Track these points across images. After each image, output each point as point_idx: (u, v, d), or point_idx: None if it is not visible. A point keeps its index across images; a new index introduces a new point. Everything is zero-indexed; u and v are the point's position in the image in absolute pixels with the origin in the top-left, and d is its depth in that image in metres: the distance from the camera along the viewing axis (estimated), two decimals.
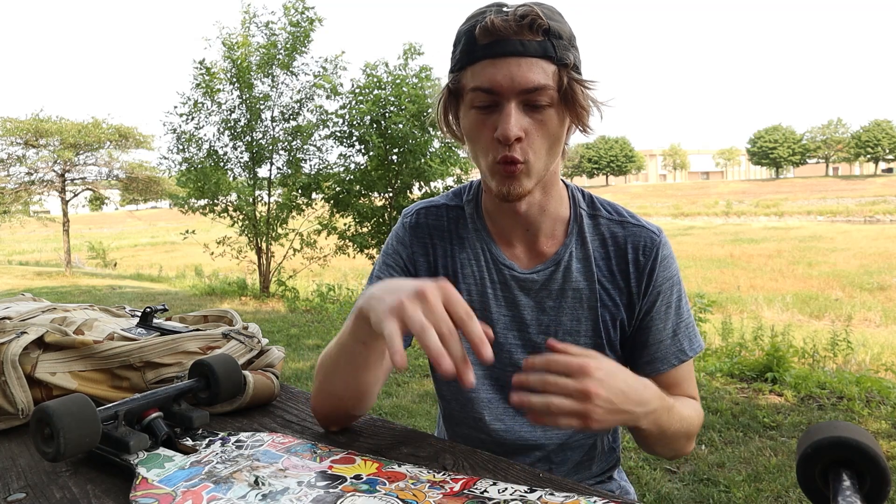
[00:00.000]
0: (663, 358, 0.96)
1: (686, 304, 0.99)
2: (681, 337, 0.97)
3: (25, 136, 14.19)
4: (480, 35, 0.81)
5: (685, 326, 0.98)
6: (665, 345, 0.96)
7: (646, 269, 0.95)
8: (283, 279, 9.82)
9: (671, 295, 0.97)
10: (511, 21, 0.79)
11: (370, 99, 8.62)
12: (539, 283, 0.96)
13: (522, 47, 0.80)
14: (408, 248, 1.01)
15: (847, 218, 37.21)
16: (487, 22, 0.80)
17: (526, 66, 0.80)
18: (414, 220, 1.03)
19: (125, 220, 63.87)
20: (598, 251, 0.97)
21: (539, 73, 0.80)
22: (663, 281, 0.96)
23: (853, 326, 7.25)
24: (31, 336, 0.92)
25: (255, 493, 0.66)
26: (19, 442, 0.86)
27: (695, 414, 0.94)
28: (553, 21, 0.81)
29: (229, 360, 0.89)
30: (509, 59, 0.80)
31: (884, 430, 3.34)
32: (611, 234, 0.97)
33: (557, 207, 0.96)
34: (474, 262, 0.99)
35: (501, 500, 0.65)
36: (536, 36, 0.80)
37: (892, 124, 66.42)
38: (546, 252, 0.96)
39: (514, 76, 0.80)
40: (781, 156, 71.40)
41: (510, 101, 0.81)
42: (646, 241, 0.96)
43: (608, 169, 77.35)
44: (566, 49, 0.82)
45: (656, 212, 46.72)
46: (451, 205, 1.03)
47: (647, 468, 2.86)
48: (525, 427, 1.00)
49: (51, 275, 15.16)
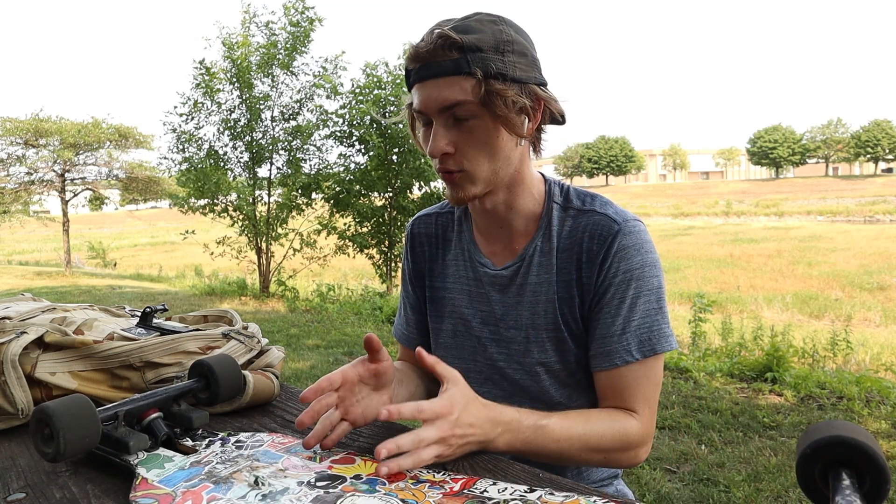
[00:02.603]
0: (607, 354, 0.92)
1: (651, 303, 0.92)
2: (629, 336, 0.91)
3: (25, 135, 14.18)
4: (408, 62, 0.89)
5: (641, 326, 0.91)
6: (611, 340, 0.92)
7: (598, 257, 0.92)
8: (283, 279, 9.83)
9: (626, 289, 0.91)
10: (428, 44, 0.84)
11: (370, 99, 8.62)
12: (507, 279, 0.99)
13: (438, 68, 0.85)
14: (409, 261, 1.13)
15: (847, 218, 37.22)
16: (412, 49, 0.86)
17: (443, 84, 0.85)
18: (409, 231, 1.14)
19: (125, 220, 63.87)
20: (563, 243, 0.96)
21: (455, 90, 0.85)
22: (616, 273, 0.91)
23: (853, 326, 7.25)
24: (31, 336, 0.92)
25: (254, 493, 0.66)
26: (19, 442, 0.86)
27: (606, 430, 0.88)
28: (472, 34, 0.84)
29: (229, 360, 0.89)
30: (429, 81, 0.86)
31: (884, 429, 3.34)
32: (575, 225, 0.96)
33: (526, 204, 0.98)
34: (459, 263, 1.06)
35: (501, 500, 0.65)
36: (451, 54, 0.84)
37: (892, 124, 66.41)
38: (517, 248, 1.00)
39: (432, 96, 0.86)
40: (781, 156, 71.39)
41: (435, 119, 0.88)
42: (602, 230, 0.93)
43: (608, 169, 77.33)
44: (486, 60, 0.84)
45: (656, 212, 46.73)
46: (443, 212, 1.11)
47: (646, 468, 2.87)
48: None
49: (51, 275, 15.17)
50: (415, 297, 1.13)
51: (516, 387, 1.01)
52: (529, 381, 0.99)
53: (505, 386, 1.02)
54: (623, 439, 0.90)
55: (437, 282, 1.08)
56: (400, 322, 1.18)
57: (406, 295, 1.15)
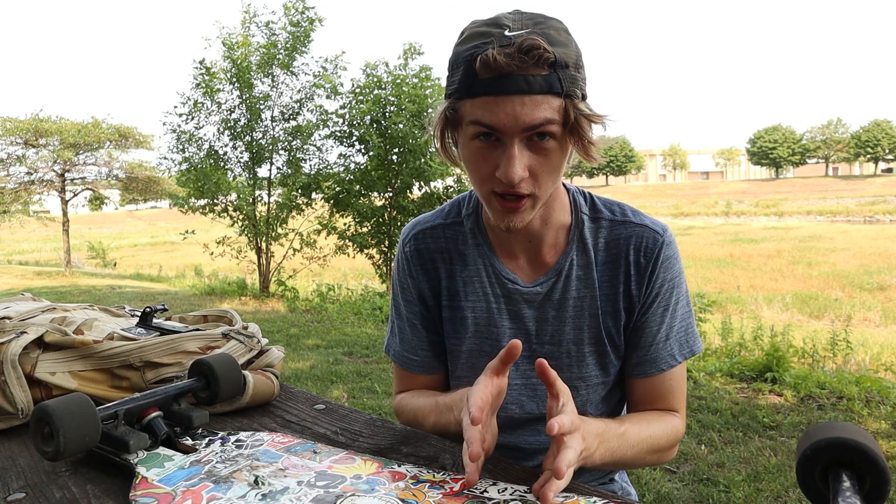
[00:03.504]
0: (652, 361, 0.93)
1: (685, 306, 0.95)
2: (672, 341, 0.94)
3: (25, 135, 14.17)
4: (481, 69, 0.75)
5: (679, 330, 0.94)
6: (656, 348, 0.93)
7: (647, 270, 0.92)
8: (282, 279, 9.82)
9: (670, 297, 0.93)
10: (514, 56, 0.73)
11: (370, 99, 8.62)
12: (542, 295, 0.94)
13: (527, 84, 0.74)
14: (415, 279, 1.01)
15: (847, 218, 37.21)
16: (489, 57, 0.73)
17: (531, 104, 0.75)
18: (413, 247, 1.01)
19: (125, 220, 63.85)
20: (600, 255, 0.94)
21: (545, 110, 0.76)
22: (663, 283, 0.93)
23: (853, 326, 7.25)
24: (31, 336, 0.92)
25: (254, 492, 0.66)
26: (19, 442, 0.86)
27: (662, 432, 0.91)
28: (559, 48, 0.75)
29: (229, 360, 0.89)
30: (513, 97, 0.75)
31: (884, 430, 3.34)
32: (613, 237, 0.94)
33: (559, 216, 0.94)
34: (477, 279, 0.97)
35: (501, 500, 0.65)
36: (542, 70, 0.74)
37: (892, 124, 66.40)
38: (548, 262, 0.95)
39: (518, 115, 0.75)
40: (781, 156, 71.38)
41: (513, 140, 0.77)
42: (647, 242, 0.92)
43: (608, 169, 77.31)
44: (573, 79, 0.77)
45: (656, 212, 46.68)
46: (448, 223, 1.01)
47: (646, 468, 2.86)
48: (524, 436, 1.00)
49: (50, 274, 15.16)
50: (429, 317, 1.02)
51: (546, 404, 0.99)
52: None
53: (535, 405, 0.98)
54: (674, 437, 0.93)
55: (456, 301, 0.99)
56: (405, 347, 1.04)
57: (414, 315, 1.02)
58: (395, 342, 1.06)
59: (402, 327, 1.04)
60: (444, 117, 0.84)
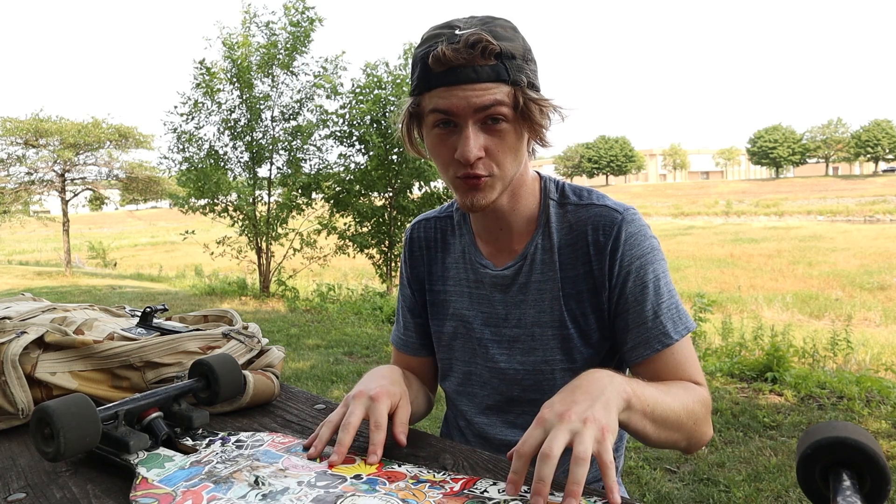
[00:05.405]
0: (646, 342, 0.92)
1: (667, 284, 0.94)
2: (663, 319, 0.92)
3: (25, 135, 14.17)
4: (434, 64, 0.83)
5: (667, 307, 0.92)
6: (647, 328, 0.92)
7: (606, 248, 0.93)
8: (283, 279, 9.83)
9: (645, 274, 0.92)
10: (462, 51, 0.81)
11: (370, 99, 8.62)
12: (509, 279, 1.00)
13: (475, 74, 0.82)
14: (408, 266, 1.12)
15: (847, 218, 37.20)
16: (440, 52, 0.81)
17: (481, 89, 0.82)
18: (408, 236, 1.13)
19: (125, 220, 63.85)
20: (564, 239, 0.97)
21: (495, 94, 0.83)
22: (632, 259, 0.92)
23: (853, 326, 7.24)
24: (31, 336, 0.92)
25: (255, 492, 0.66)
26: (19, 442, 0.86)
27: (690, 397, 0.87)
28: (505, 42, 0.83)
29: (229, 360, 0.89)
30: (464, 85, 0.83)
31: (884, 429, 3.34)
32: (575, 220, 0.96)
33: (528, 203, 0.99)
34: (459, 265, 1.06)
35: (501, 500, 0.64)
36: (489, 61, 0.82)
37: (892, 124, 66.37)
38: (516, 248, 1.00)
39: (469, 100, 0.83)
40: (781, 155, 71.36)
41: (467, 121, 0.84)
42: (605, 221, 0.94)
43: (608, 169, 77.32)
44: (519, 69, 0.84)
45: (656, 211, 46.70)
46: (442, 216, 1.11)
47: (646, 468, 2.86)
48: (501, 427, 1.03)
49: (51, 275, 15.17)
50: (413, 301, 1.12)
51: (517, 388, 1.01)
52: (531, 381, 0.99)
53: (503, 389, 1.02)
54: (702, 407, 0.89)
55: (438, 285, 1.08)
56: (398, 327, 1.16)
57: (404, 298, 1.14)
58: (397, 327, 1.17)
59: (399, 310, 1.17)
60: (408, 113, 0.92)
